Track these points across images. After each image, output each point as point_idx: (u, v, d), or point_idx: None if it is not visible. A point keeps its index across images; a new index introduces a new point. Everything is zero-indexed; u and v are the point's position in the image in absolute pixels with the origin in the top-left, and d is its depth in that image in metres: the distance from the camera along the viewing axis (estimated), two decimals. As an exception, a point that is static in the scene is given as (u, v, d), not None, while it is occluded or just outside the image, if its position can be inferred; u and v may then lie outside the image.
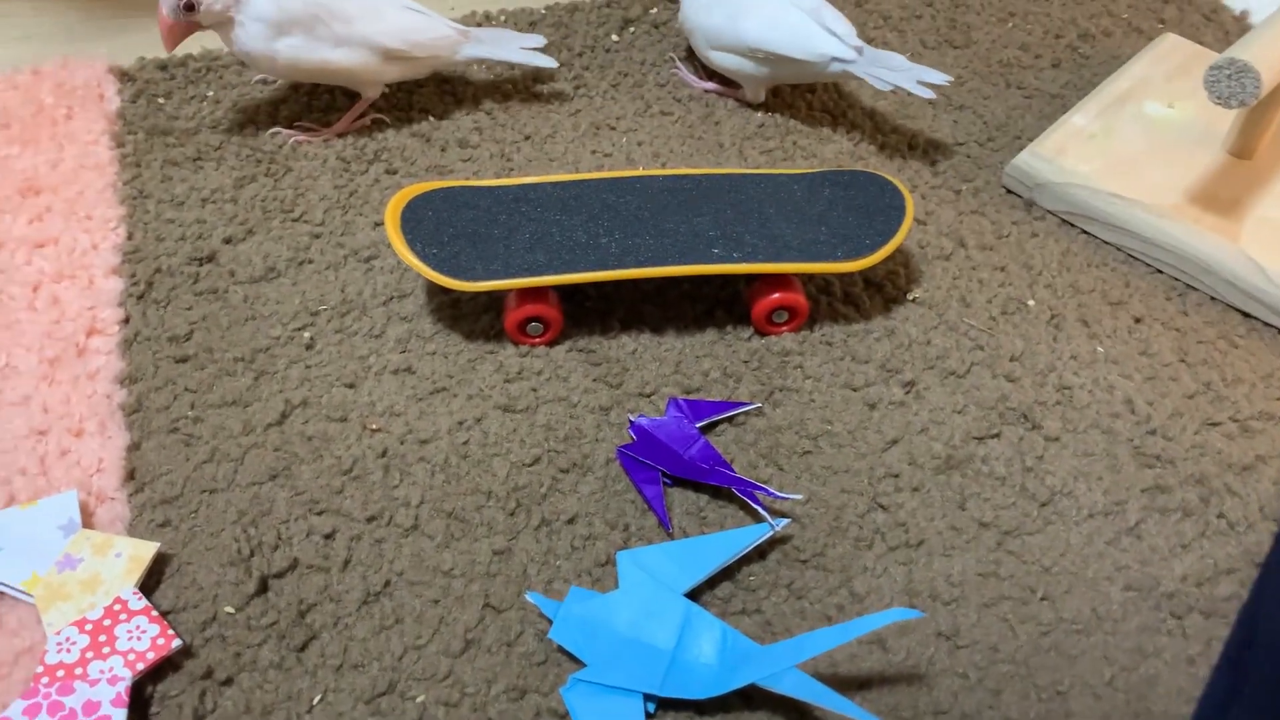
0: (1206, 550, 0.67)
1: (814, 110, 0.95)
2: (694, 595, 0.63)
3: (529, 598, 0.62)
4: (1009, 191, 0.88)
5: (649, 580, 0.62)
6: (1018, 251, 0.84)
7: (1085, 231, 0.85)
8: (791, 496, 0.67)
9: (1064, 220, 0.86)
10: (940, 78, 0.86)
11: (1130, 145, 0.87)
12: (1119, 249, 0.84)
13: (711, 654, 0.59)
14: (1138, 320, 0.79)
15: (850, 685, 0.60)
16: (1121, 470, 0.70)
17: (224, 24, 0.83)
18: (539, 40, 0.93)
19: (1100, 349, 0.77)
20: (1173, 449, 0.71)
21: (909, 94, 0.86)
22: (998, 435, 0.72)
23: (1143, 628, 0.63)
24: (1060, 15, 1.06)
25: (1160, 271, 0.83)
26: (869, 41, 1.01)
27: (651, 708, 0.58)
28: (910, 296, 0.80)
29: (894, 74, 0.86)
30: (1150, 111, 0.90)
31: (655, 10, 1.04)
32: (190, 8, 0.81)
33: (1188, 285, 0.82)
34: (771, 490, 0.66)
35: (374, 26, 0.84)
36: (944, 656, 0.62)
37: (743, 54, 0.89)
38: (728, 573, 0.64)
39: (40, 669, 0.57)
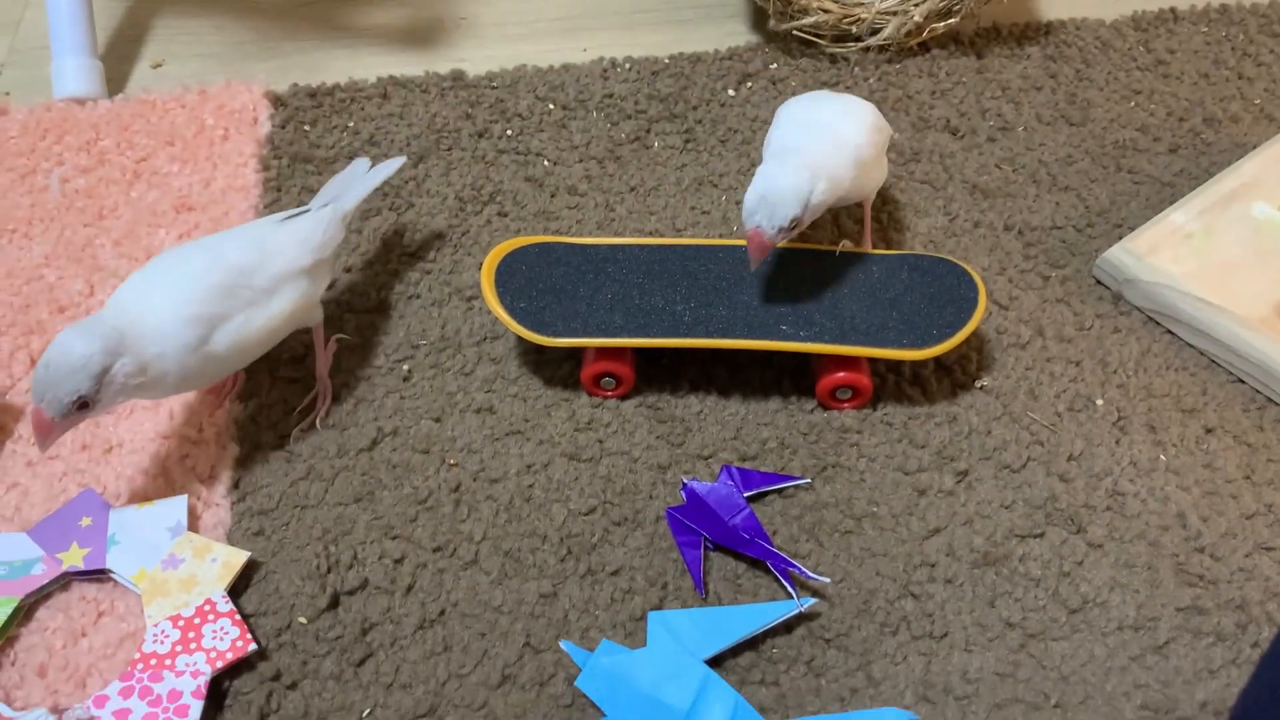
0: (1233, 679, 0.67)
1: (915, 180, 0.97)
2: (718, 661, 0.67)
3: (563, 645, 0.68)
4: (1099, 283, 0.89)
5: (674, 643, 0.66)
6: (1096, 346, 0.84)
7: (1170, 332, 0.85)
8: (822, 579, 0.70)
9: (1150, 318, 0.86)
10: None
11: (1229, 249, 0.86)
12: (1203, 353, 0.83)
13: None
14: (1208, 430, 0.79)
15: (849, 767, 0.64)
16: (1160, 586, 0.71)
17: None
18: None
19: (1163, 457, 0.78)
20: (1218, 570, 0.72)
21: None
22: (1040, 536, 0.74)
23: (1152, 749, 0.65)
24: (1188, 96, 1.04)
25: (1242, 382, 0.82)
26: (983, 114, 1.03)
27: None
28: (978, 384, 0.82)
29: None
30: (1257, 214, 0.88)
31: (775, 66, 1.07)
32: (84, 405, 0.65)
33: (1268, 399, 0.81)
34: (803, 569, 0.70)
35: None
36: (947, 751, 0.65)
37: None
38: (752, 642, 0.68)
39: (137, 655, 0.66)
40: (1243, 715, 0.53)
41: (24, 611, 0.69)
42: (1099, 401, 0.81)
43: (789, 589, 0.70)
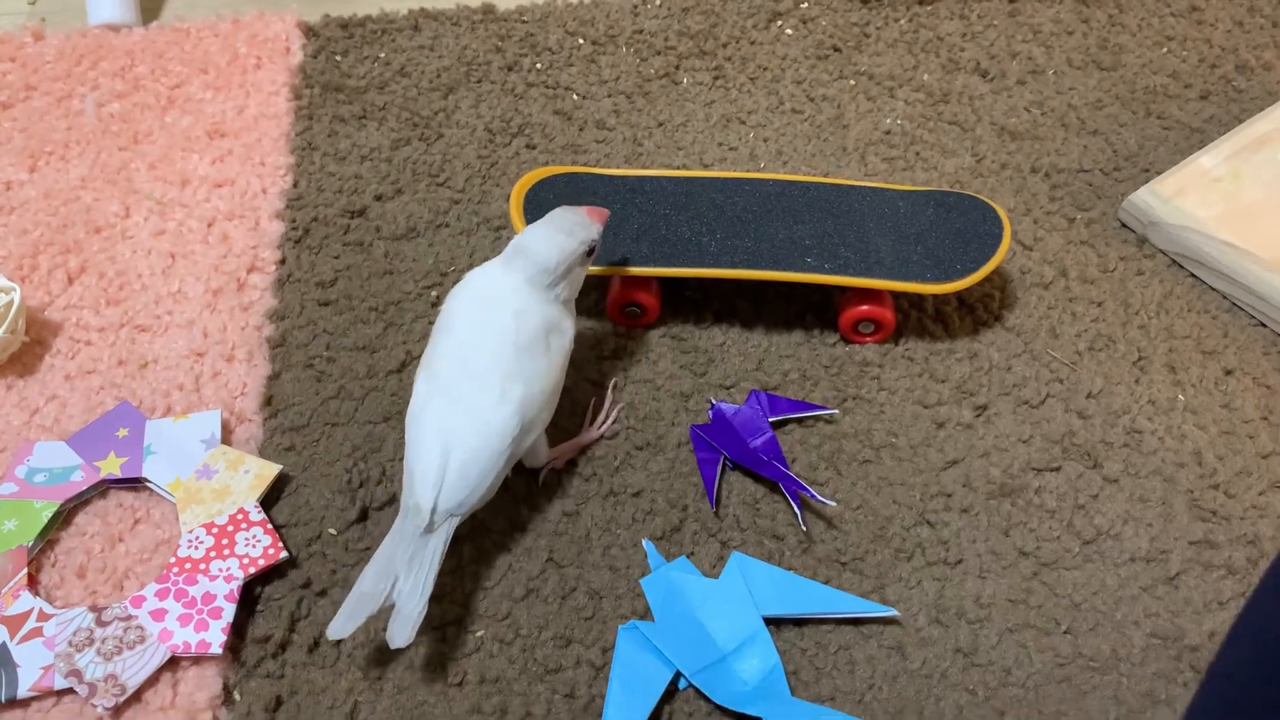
0: (1242, 611, 0.68)
1: (943, 121, 0.97)
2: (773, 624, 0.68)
3: (645, 544, 0.70)
4: (1124, 225, 0.89)
5: (744, 589, 0.67)
6: (1119, 288, 0.85)
7: (1194, 275, 0.85)
8: (829, 503, 0.71)
9: (1174, 261, 0.86)
10: None
11: (1256, 193, 0.86)
12: (1225, 297, 0.84)
13: (753, 676, 0.64)
14: (1228, 372, 0.80)
15: (862, 686, 0.65)
16: (1174, 520, 0.72)
17: None
18: None
19: (1182, 397, 0.78)
20: (1231, 506, 0.73)
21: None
22: (1057, 469, 0.75)
23: (1159, 675, 0.66)
24: (1222, 43, 1.04)
25: (1263, 325, 0.82)
26: (1013, 56, 1.02)
27: (683, 684, 0.65)
28: (1000, 322, 0.83)
29: None
30: (1286, 159, 0.88)
31: (806, 5, 1.07)
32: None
33: (1289, 343, 0.81)
34: (813, 493, 0.71)
35: None
36: (958, 672, 0.66)
37: None
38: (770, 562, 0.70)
39: (173, 559, 0.68)
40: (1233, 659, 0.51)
41: (63, 516, 0.71)
42: (1120, 342, 0.81)
43: (795, 511, 0.71)
